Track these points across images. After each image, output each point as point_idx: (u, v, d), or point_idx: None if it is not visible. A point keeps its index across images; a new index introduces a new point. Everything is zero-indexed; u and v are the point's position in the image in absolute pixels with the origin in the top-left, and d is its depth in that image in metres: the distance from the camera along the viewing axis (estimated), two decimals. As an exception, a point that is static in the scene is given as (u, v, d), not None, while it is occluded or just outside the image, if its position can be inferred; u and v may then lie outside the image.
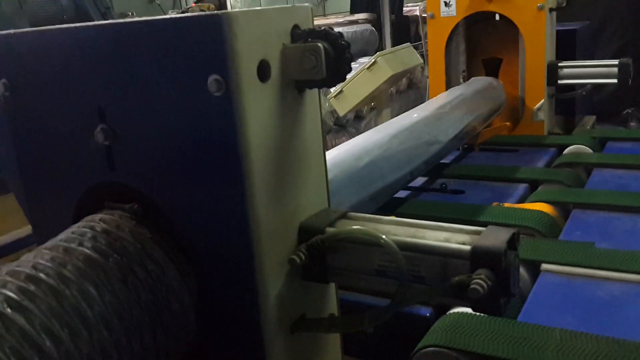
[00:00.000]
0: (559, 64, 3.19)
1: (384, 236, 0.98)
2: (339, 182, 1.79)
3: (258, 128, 0.98)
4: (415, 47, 6.33)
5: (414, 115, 2.48)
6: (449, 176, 2.59)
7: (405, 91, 6.56)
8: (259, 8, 1.01)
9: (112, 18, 6.22)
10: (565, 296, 1.53)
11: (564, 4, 3.24)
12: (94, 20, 5.81)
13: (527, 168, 2.64)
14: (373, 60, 4.34)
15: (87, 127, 1.07)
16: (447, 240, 0.98)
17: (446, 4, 3.30)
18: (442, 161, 2.76)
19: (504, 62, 3.46)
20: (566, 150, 2.79)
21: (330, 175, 1.76)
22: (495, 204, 2.21)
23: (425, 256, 0.97)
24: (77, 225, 1.01)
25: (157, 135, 1.02)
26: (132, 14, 9.68)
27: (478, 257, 0.91)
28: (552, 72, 3.19)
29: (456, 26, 3.32)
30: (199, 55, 0.95)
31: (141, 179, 1.06)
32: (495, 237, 0.93)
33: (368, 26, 7.82)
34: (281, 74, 1.02)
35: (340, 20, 8.11)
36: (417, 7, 9.67)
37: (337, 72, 1.03)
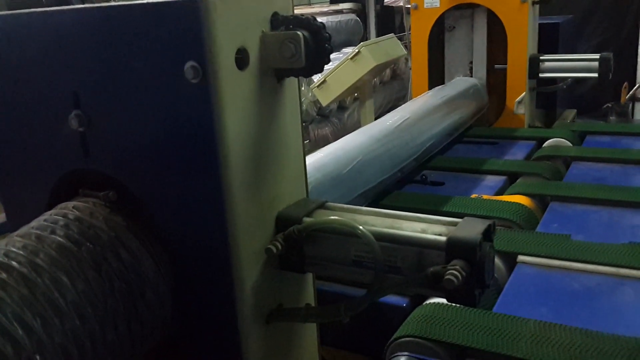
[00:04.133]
0: (541, 57, 3.21)
1: (361, 227, 0.98)
2: (322, 186, 1.80)
3: (235, 116, 0.97)
4: (400, 38, 6.32)
5: (398, 116, 2.49)
6: (430, 168, 2.59)
7: (389, 82, 6.56)
8: None
9: (91, 2, 6.14)
10: (540, 288, 1.55)
11: None
12: (72, 5, 5.73)
13: (506, 160, 2.66)
14: (357, 50, 4.33)
15: (62, 112, 1.05)
16: (423, 231, 0.98)
17: None
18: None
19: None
20: (546, 143, 2.81)
21: (312, 179, 1.79)
22: (474, 195, 2.22)
23: (402, 247, 0.98)
24: (50, 212, 1.00)
25: (132, 122, 1.01)
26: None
27: (453, 248, 0.92)
28: (534, 66, 3.20)
29: (439, 18, 3.32)
30: (176, 41, 0.94)
31: (116, 167, 1.05)
32: (471, 229, 0.94)
33: (353, 16, 7.78)
34: (260, 62, 1.01)
35: (325, 9, 8.07)
36: (402, -2, 9.65)
37: (316, 61, 1.02)
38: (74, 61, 1.03)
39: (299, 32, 0.99)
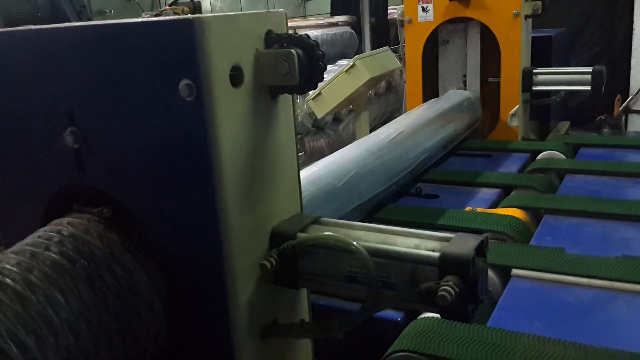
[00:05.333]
0: (534, 71, 3.23)
1: (354, 242, 0.98)
2: (317, 200, 1.81)
3: (230, 133, 0.98)
4: (395, 51, 6.36)
5: (393, 129, 2.50)
6: (425, 180, 2.60)
7: (384, 94, 6.59)
8: (232, 13, 1.01)
9: (88, 16, 6.14)
10: (534, 301, 1.55)
11: (540, 12, 3.28)
12: (69, 19, 5.73)
13: (500, 173, 2.67)
14: (352, 63, 4.35)
15: (57, 129, 1.06)
16: (416, 247, 0.99)
17: (424, 9, 3.33)
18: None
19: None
20: (539, 156, 2.83)
21: (307, 193, 1.79)
22: (468, 208, 2.23)
23: (395, 262, 0.98)
24: (44, 228, 1.00)
25: (127, 138, 1.02)
26: (110, 11, 9.58)
27: (446, 263, 0.92)
28: (527, 79, 3.23)
29: (433, 31, 3.35)
30: (170, 59, 0.94)
31: (111, 183, 1.05)
32: (464, 244, 0.94)
33: (348, 29, 7.83)
34: (254, 79, 1.02)
35: (321, 22, 8.11)
36: (397, 10, 9.71)
37: (310, 79, 1.03)
38: (70, 78, 1.04)
39: (293, 50, 1.00)
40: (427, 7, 3.29)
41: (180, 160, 0.98)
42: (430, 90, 3.52)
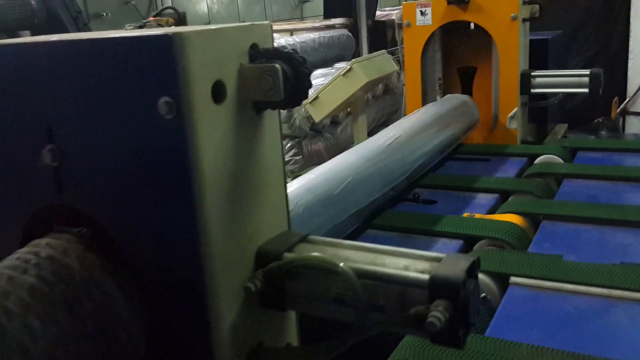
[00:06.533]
0: (532, 73, 3.23)
1: (341, 264, 0.95)
2: (314, 207, 1.80)
3: (212, 150, 0.95)
4: (392, 53, 6.36)
5: (390, 134, 2.50)
6: (423, 185, 2.59)
7: (382, 96, 6.58)
8: (215, 27, 0.97)
9: (84, 22, 6.13)
10: (533, 310, 1.54)
11: (537, 15, 3.28)
12: (65, 24, 5.71)
13: (498, 178, 2.66)
14: (349, 67, 4.35)
15: (35, 147, 1.02)
16: (406, 268, 0.96)
17: (422, 13, 3.33)
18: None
19: (478, 71, 3.51)
20: (537, 160, 2.82)
21: (304, 201, 1.79)
22: (466, 214, 2.22)
23: (384, 285, 0.95)
24: (22, 250, 0.97)
25: (106, 156, 0.99)
26: (107, 14, 9.57)
27: (436, 286, 0.89)
28: (525, 81, 3.23)
29: (432, 35, 3.36)
30: (149, 76, 0.91)
31: (90, 202, 1.02)
32: (454, 266, 0.91)
33: (345, 31, 7.83)
34: (238, 95, 1.00)
35: (317, 24, 8.11)
36: (394, 12, 9.71)
37: (295, 94, 1.00)
38: (47, 94, 1.01)
39: (277, 65, 0.97)
40: (425, 10, 3.29)
41: (159, 179, 0.95)
42: (429, 94, 3.53)
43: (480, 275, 1.71)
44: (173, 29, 0.93)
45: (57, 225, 1.04)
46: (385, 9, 10.95)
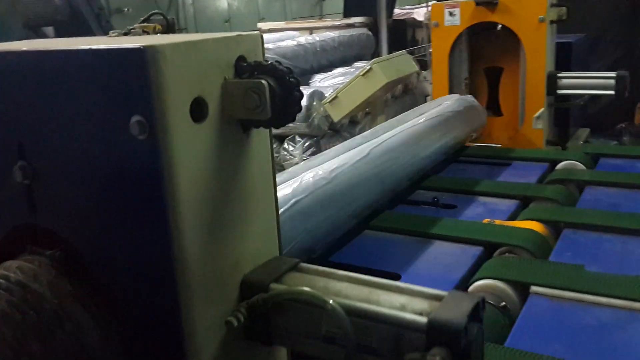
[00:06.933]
0: (558, 74, 3.24)
1: (331, 301, 0.88)
2: (309, 209, 1.81)
3: (190, 173, 0.88)
4: (411, 52, 6.33)
5: (388, 135, 2.50)
6: (441, 189, 2.58)
7: (401, 96, 6.56)
8: (197, 39, 0.89)
9: (106, 19, 6.18)
10: (553, 321, 1.53)
11: (565, 17, 3.28)
12: (87, 21, 5.76)
13: (519, 183, 2.63)
14: (368, 67, 4.35)
15: (8, 163, 0.96)
16: (402, 308, 0.88)
17: (451, 14, 3.35)
18: (437, 174, 2.79)
19: (504, 71, 3.52)
20: (559, 166, 2.79)
21: (299, 199, 1.79)
22: (486, 220, 2.21)
23: (378, 325, 0.87)
24: None
25: (78, 176, 0.92)
26: (128, 10, 9.65)
27: (435, 331, 0.81)
28: (552, 82, 3.25)
29: (459, 35, 3.37)
30: (120, 92, 0.85)
31: (62, 223, 0.96)
32: (456, 308, 0.83)
33: (365, 30, 7.81)
34: (221, 112, 0.92)
35: (337, 23, 8.10)
36: (415, 11, 9.66)
37: (284, 111, 0.92)
38: (17, 107, 0.94)
39: (263, 81, 0.89)
40: (454, 11, 3.31)
41: (133, 202, 0.89)
42: (456, 93, 3.55)
43: (500, 284, 1.71)
44: (147, 41, 0.85)
45: (30, 246, 0.99)
46: (406, 7, 10.89)
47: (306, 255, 1.72)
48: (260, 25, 7.96)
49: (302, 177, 1.94)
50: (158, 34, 1.36)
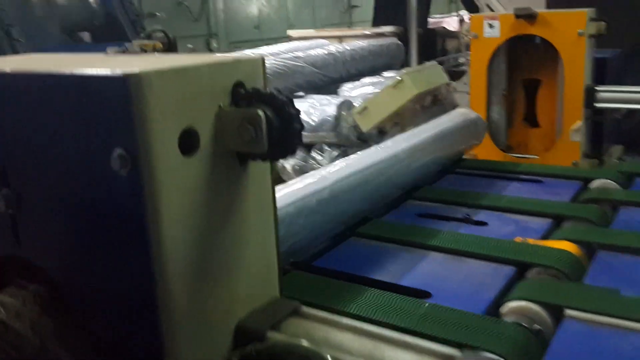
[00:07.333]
0: (596, 88, 3.24)
1: (329, 357, 0.83)
2: (301, 214, 1.80)
3: (177, 210, 0.82)
4: (441, 63, 6.30)
5: (378, 150, 2.57)
6: (473, 206, 2.56)
7: (430, 107, 6.53)
8: (189, 64, 0.83)
9: (141, 26, 6.25)
10: (588, 346, 1.51)
11: (603, 32, 3.28)
12: (123, 27, 5.84)
13: (552, 201, 2.60)
14: (399, 78, 4.34)
15: None
16: None
17: (490, 26, 3.37)
18: (464, 189, 2.77)
19: (542, 83, 3.53)
20: (592, 184, 2.75)
21: (297, 204, 1.78)
22: (518, 239, 2.18)
23: None
24: None
25: (61, 209, 0.88)
26: (161, 15, 9.76)
27: None
28: (590, 96, 3.25)
29: (498, 47, 3.38)
30: (102, 122, 0.79)
31: (46, 257, 0.92)
32: None
33: (394, 39, 7.79)
34: (215, 144, 0.86)
35: (368, 32, 8.10)
36: (445, 20, 9.61)
37: (282, 145, 0.86)
38: (1, 133, 0.90)
39: (259, 111, 0.83)
40: (493, 23, 3.33)
41: (114, 239, 0.84)
42: (494, 105, 3.58)
43: (534, 306, 1.69)
44: (133, 66, 0.79)
45: (17, 279, 0.97)
46: (435, 15, 10.85)
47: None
48: (291, 32, 7.98)
49: (298, 182, 1.97)
50: (155, 54, 1.31)
